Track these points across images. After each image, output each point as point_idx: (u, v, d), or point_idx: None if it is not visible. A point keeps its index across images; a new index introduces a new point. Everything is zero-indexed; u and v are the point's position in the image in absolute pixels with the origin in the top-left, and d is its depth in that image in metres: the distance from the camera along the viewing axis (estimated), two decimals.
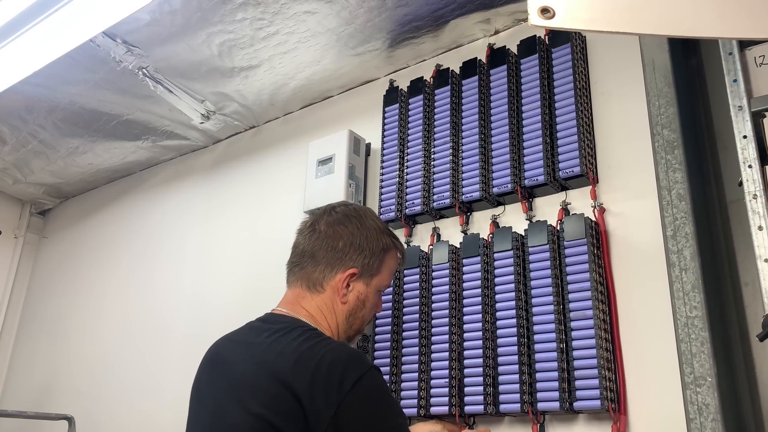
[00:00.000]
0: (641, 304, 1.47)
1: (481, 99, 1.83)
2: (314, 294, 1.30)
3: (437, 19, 1.92)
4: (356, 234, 1.33)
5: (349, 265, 1.32)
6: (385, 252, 1.38)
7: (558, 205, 1.63)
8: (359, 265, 1.33)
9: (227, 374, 1.24)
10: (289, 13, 1.90)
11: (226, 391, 1.21)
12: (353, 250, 1.32)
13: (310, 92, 2.33)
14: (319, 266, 1.30)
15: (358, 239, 1.33)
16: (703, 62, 1.60)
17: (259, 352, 1.20)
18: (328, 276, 1.30)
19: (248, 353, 1.22)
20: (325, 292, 1.30)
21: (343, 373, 1.11)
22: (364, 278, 1.34)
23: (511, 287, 1.58)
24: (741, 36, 1.21)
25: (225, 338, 1.36)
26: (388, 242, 1.39)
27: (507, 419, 1.57)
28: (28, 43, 1.93)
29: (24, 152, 2.73)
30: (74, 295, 2.95)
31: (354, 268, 1.32)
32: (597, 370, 1.40)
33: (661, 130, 1.43)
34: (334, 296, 1.31)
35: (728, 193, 1.47)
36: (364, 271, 1.33)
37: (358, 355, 1.19)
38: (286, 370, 1.13)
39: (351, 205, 1.39)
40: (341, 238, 1.32)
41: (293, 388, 1.10)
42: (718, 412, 1.19)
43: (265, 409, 1.12)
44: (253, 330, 1.29)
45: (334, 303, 1.31)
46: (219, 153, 2.67)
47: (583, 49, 1.74)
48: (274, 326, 1.25)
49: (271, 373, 1.14)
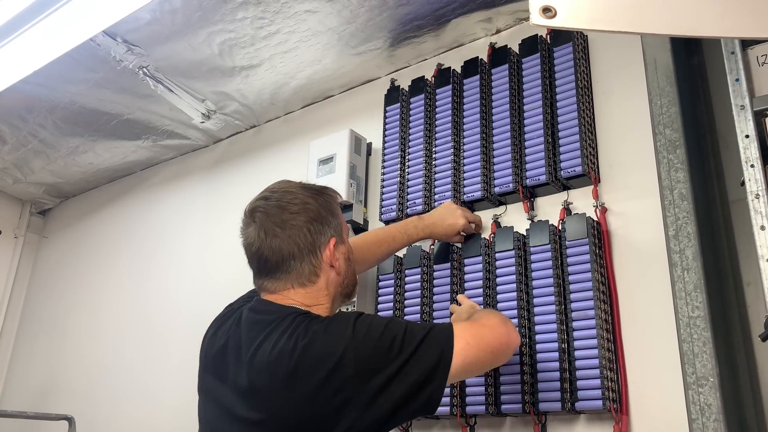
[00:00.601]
0: (643, 304, 1.46)
1: (483, 98, 1.83)
2: (310, 286, 1.26)
3: (438, 18, 1.91)
4: (309, 210, 1.28)
5: (327, 239, 1.28)
6: (336, 205, 1.35)
7: (560, 204, 1.62)
8: (332, 232, 1.29)
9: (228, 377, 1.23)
10: (290, 12, 1.90)
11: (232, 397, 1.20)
12: (319, 225, 1.27)
13: (311, 91, 2.33)
14: (304, 261, 1.25)
15: (314, 213, 1.28)
16: (705, 61, 1.59)
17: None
18: (316, 261, 1.26)
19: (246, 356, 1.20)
20: (320, 277, 1.27)
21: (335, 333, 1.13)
22: (339, 239, 1.31)
23: (512, 287, 1.57)
24: (743, 35, 1.21)
25: (225, 327, 1.32)
26: (330, 196, 1.35)
27: (508, 419, 1.57)
28: (29, 43, 1.93)
29: (24, 152, 2.73)
30: (74, 295, 2.95)
31: (332, 237, 1.28)
32: (599, 371, 1.39)
33: (663, 130, 1.42)
34: (330, 273, 1.28)
35: (730, 192, 1.47)
36: (337, 234, 1.30)
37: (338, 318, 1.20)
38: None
39: (275, 189, 1.32)
40: (302, 223, 1.26)
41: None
42: (720, 412, 1.19)
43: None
44: (248, 323, 1.26)
45: (328, 281, 1.28)
46: (220, 152, 2.67)
47: (585, 48, 1.74)
48: (266, 317, 1.22)
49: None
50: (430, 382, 1.11)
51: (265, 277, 1.28)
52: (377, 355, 1.11)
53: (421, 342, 1.13)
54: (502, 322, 1.25)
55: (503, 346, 1.23)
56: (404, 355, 1.11)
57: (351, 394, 1.08)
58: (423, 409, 1.13)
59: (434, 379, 1.11)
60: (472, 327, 1.21)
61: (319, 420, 1.08)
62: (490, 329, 1.22)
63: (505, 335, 1.22)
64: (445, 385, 1.13)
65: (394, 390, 1.09)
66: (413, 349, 1.12)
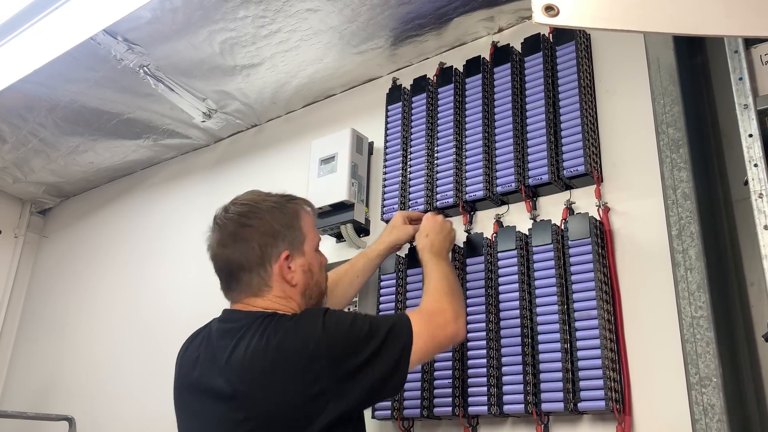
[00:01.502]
0: (646, 304, 1.46)
1: (485, 97, 1.82)
2: (265, 294, 1.29)
3: (440, 17, 1.91)
4: (262, 224, 1.30)
5: (278, 252, 1.29)
6: (297, 218, 1.35)
7: (562, 204, 1.61)
8: (287, 246, 1.31)
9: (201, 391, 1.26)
10: (291, 11, 1.89)
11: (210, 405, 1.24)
12: (272, 239, 1.29)
13: (313, 90, 2.32)
14: (252, 273, 1.28)
15: (267, 227, 1.30)
16: (708, 60, 1.59)
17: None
18: (266, 274, 1.29)
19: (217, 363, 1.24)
20: (273, 288, 1.29)
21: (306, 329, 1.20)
22: (297, 252, 1.32)
23: (515, 287, 1.57)
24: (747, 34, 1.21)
25: (194, 346, 1.37)
26: (292, 208, 1.36)
27: (511, 420, 1.56)
28: (29, 41, 1.92)
29: (24, 151, 2.72)
30: (75, 295, 2.94)
31: (284, 251, 1.30)
32: (601, 371, 1.39)
33: (666, 129, 1.42)
34: (283, 285, 1.30)
35: (734, 192, 1.47)
36: (293, 247, 1.31)
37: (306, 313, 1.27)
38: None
39: (237, 200, 1.36)
40: (252, 238, 1.29)
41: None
42: (723, 412, 1.18)
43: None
44: (218, 333, 1.30)
45: (285, 291, 1.30)
46: (220, 152, 2.66)
47: (588, 47, 1.73)
48: (234, 324, 1.27)
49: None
50: (395, 373, 1.21)
51: (225, 287, 1.35)
52: (348, 346, 1.18)
53: (386, 336, 1.21)
54: (454, 319, 1.34)
55: (451, 342, 1.36)
56: (372, 346, 1.19)
57: (326, 383, 1.14)
58: (389, 395, 1.29)
59: (398, 371, 1.21)
60: (429, 326, 1.29)
61: (300, 410, 1.14)
62: (443, 328, 1.31)
63: (454, 334, 1.34)
64: (406, 374, 1.23)
65: (364, 378, 1.17)
66: (380, 342, 1.20)
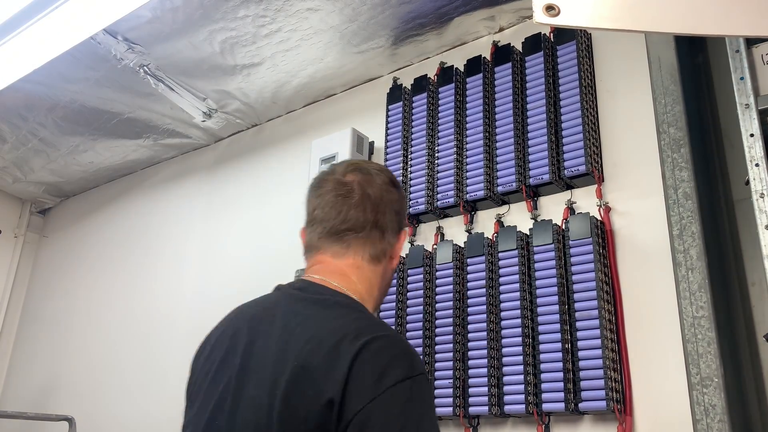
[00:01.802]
0: (647, 304, 1.46)
1: (486, 97, 1.82)
2: (376, 265, 1.16)
3: (441, 17, 1.91)
4: (401, 198, 1.23)
5: (402, 228, 1.23)
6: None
7: (563, 204, 1.61)
8: (405, 225, 1.25)
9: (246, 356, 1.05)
10: (292, 11, 1.89)
11: (239, 378, 1.03)
12: (401, 215, 1.22)
13: (313, 90, 2.32)
14: (386, 234, 1.16)
15: (402, 203, 1.24)
16: (709, 60, 1.59)
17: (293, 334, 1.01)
18: (392, 242, 1.18)
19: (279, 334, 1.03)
20: (386, 258, 1.18)
21: (388, 366, 0.93)
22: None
23: (515, 287, 1.56)
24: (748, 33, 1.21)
25: (254, 308, 1.19)
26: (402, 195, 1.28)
27: (511, 420, 1.56)
28: (29, 41, 1.92)
29: (24, 151, 2.72)
30: (75, 295, 2.94)
31: (408, 227, 1.24)
32: (602, 371, 1.39)
33: (668, 128, 1.42)
34: (390, 262, 1.20)
35: (735, 191, 1.46)
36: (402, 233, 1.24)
37: (412, 354, 1.00)
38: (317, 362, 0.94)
39: (371, 168, 1.21)
40: (393, 201, 1.19)
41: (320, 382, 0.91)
42: (724, 413, 1.18)
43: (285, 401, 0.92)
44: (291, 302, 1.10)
45: (384, 273, 1.19)
46: (221, 151, 2.66)
47: (589, 46, 1.73)
48: (313, 297, 1.08)
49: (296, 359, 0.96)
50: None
51: (329, 231, 1.14)
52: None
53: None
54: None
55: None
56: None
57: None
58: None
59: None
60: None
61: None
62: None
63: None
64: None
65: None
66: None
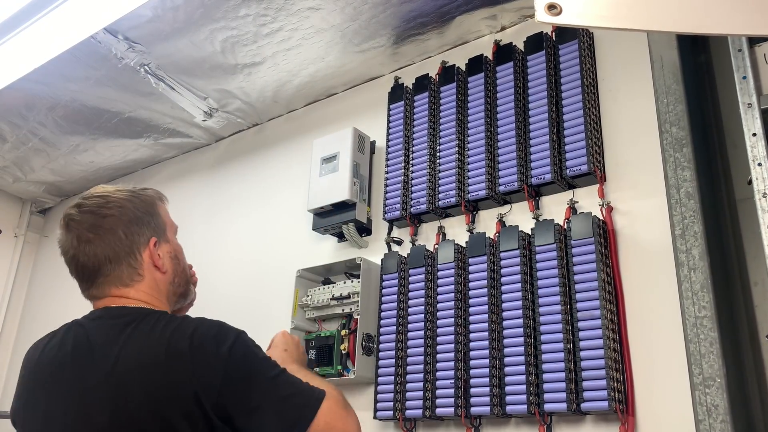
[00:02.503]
0: (649, 303, 1.45)
1: (487, 96, 1.82)
2: (136, 285, 1.24)
3: (443, 16, 1.90)
4: (124, 212, 1.26)
5: (146, 239, 1.26)
6: (154, 205, 1.33)
7: (565, 203, 1.61)
8: (152, 232, 1.27)
9: (76, 382, 1.15)
10: (293, 10, 1.89)
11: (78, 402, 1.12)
12: (136, 227, 1.25)
13: (314, 89, 2.31)
14: (122, 263, 1.23)
15: (129, 214, 1.26)
16: (712, 59, 1.58)
17: (115, 352, 1.13)
18: (136, 263, 1.24)
19: (100, 354, 1.15)
20: (144, 277, 1.25)
21: (218, 341, 1.10)
22: (162, 238, 1.29)
23: (517, 287, 1.56)
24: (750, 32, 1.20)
25: (53, 344, 1.27)
26: (148, 196, 1.33)
27: (513, 420, 1.55)
28: (29, 40, 1.92)
29: (24, 150, 2.71)
30: (75, 295, 2.91)
31: (152, 237, 1.27)
32: (604, 371, 1.38)
33: (670, 128, 1.41)
34: (154, 274, 1.26)
35: (737, 191, 1.46)
36: (158, 234, 1.29)
37: (224, 324, 1.16)
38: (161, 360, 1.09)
39: (87, 196, 1.30)
40: (116, 226, 1.24)
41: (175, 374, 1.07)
42: (727, 413, 1.18)
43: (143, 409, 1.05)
44: (97, 327, 1.22)
45: (156, 281, 1.26)
46: (222, 151, 2.66)
47: (591, 45, 1.73)
48: (120, 320, 1.19)
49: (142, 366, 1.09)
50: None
51: (89, 285, 1.27)
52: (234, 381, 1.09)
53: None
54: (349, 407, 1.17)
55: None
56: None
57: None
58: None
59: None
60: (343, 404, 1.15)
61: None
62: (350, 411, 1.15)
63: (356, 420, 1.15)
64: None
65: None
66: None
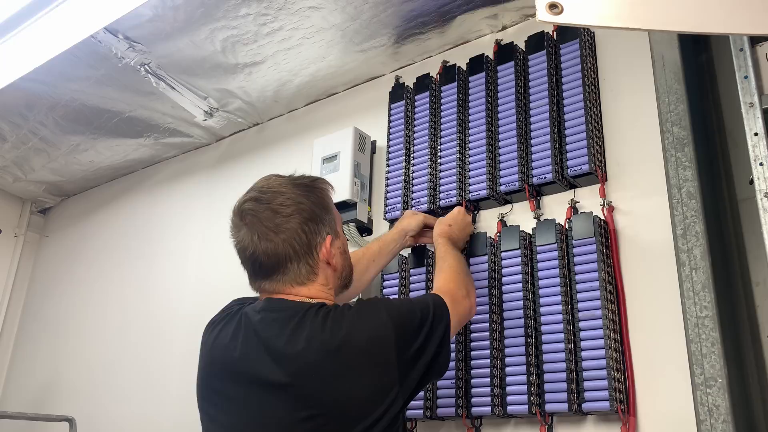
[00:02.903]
0: (651, 303, 1.45)
1: (489, 96, 1.82)
2: (311, 283, 1.26)
3: (444, 15, 1.90)
4: (302, 209, 1.26)
5: (322, 237, 1.27)
6: (328, 198, 1.33)
7: (566, 203, 1.61)
8: (328, 230, 1.28)
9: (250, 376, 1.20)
10: (294, 9, 1.88)
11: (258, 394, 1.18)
12: (314, 225, 1.26)
13: (315, 89, 2.31)
14: (301, 262, 1.24)
15: (307, 212, 1.26)
16: (713, 58, 1.58)
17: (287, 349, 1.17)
18: (313, 262, 1.25)
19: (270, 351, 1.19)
20: (319, 275, 1.26)
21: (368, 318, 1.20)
22: (335, 234, 1.30)
23: (518, 287, 1.56)
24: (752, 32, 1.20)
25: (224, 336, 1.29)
26: (321, 188, 1.33)
27: (514, 421, 1.55)
28: (29, 39, 1.91)
29: (24, 150, 2.71)
30: (75, 295, 2.93)
31: (328, 235, 1.28)
32: (606, 371, 1.38)
33: (671, 128, 1.41)
34: (327, 271, 1.28)
35: (739, 191, 1.46)
36: (332, 230, 1.30)
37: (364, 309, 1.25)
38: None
39: (264, 188, 1.31)
40: (296, 225, 1.24)
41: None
42: (728, 413, 1.17)
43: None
44: (263, 321, 1.24)
45: (327, 277, 1.28)
46: (222, 150, 2.65)
47: (592, 45, 1.72)
48: (282, 314, 1.21)
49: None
50: (441, 350, 1.25)
51: (262, 280, 1.28)
52: (410, 334, 1.20)
53: (433, 318, 1.25)
54: (466, 296, 1.40)
55: (467, 317, 1.42)
56: (425, 331, 1.22)
57: (395, 374, 1.16)
58: (438, 373, 1.27)
59: (444, 347, 1.25)
60: (453, 305, 1.32)
61: (372, 403, 1.14)
62: (462, 305, 1.36)
63: (468, 308, 1.40)
64: (450, 353, 1.29)
65: (420, 363, 1.20)
66: (430, 325, 1.23)
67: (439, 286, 1.40)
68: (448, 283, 1.40)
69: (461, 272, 1.46)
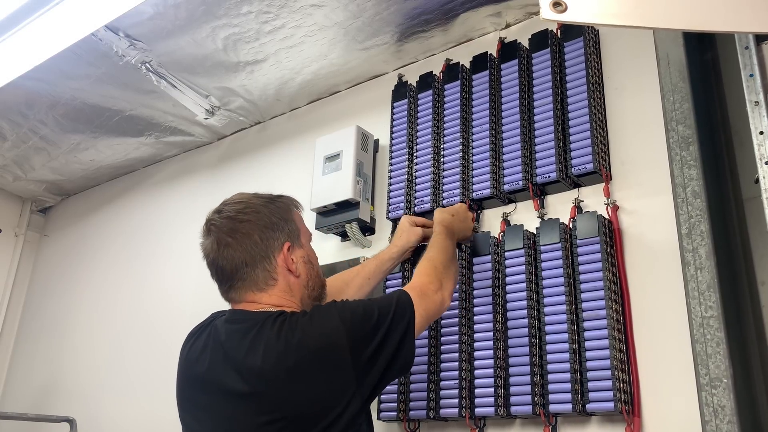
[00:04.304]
0: (655, 303, 1.45)
1: (492, 94, 1.81)
2: (270, 289, 1.31)
3: (447, 13, 1.89)
4: (260, 217, 1.33)
5: (280, 243, 1.33)
6: (289, 211, 1.39)
7: (570, 202, 1.60)
8: (286, 237, 1.34)
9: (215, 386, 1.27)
10: (296, 6, 1.88)
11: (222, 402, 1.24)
12: (271, 231, 1.32)
13: (317, 87, 2.31)
14: (257, 267, 1.31)
15: (265, 219, 1.33)
16: (718, 57, 1.57)
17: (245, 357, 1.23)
18: (270, 267, 1.31)
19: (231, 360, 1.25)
20: (278, 281, 1.32)
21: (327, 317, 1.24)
22: (296, 243, 1.35)
23: (522, 287, 1.55)
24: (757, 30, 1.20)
25: (195, 349, 1.37)
26: (283, 202, 1.40)
27: (518, 421, 1.54)
28: (29, 37, 1.90)
29: (24, 148, 2.70)
30: (75, 295, 2.93)
31: (285, 242, 1.33)
32: (610, 371, 1.38)
33: (676, 126, 1.41)
34: (288, 278, 1.33)
35: (744, 190, 1.45)
36: (292, 239, 1.35)
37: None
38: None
39: (228, 201, 1.39)
40: (252, 231, 1.31)
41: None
42: (734, 414, 1.17)
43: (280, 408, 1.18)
44: (226, 333, 1.30)
45: (289, 284, 1.33)
46: (224, 149, 2.65)
47: (596, 43, 1.72)
48: (242, 325, 1.27)
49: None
50: (402, 347, 1.26)
51: (226, 288, 1.35)
52: (365, 335, 1.23)
53: (393, 316, 1.27)
54: (437, 290, 1.39)
55: (438, 312, 1.41)
56: (382, 330, 1.24)
57: (350, 375, 1.19)
58: (401, 370, 1.30)
59: (405, 344, 1.27)
60: (422, 300, 1.34)
61: (329, 406, 1.18)
62: (432, 299, 1.37)
63: (439, 302, 1.39)
64: (414, 350, 1.30)
65: (379, 362, 1.23)
66: (389, 324, 1.25)
67: (413, 279, 1.43)
68: (422, 276, 1.42)
69: (440, 264, 1.46)
